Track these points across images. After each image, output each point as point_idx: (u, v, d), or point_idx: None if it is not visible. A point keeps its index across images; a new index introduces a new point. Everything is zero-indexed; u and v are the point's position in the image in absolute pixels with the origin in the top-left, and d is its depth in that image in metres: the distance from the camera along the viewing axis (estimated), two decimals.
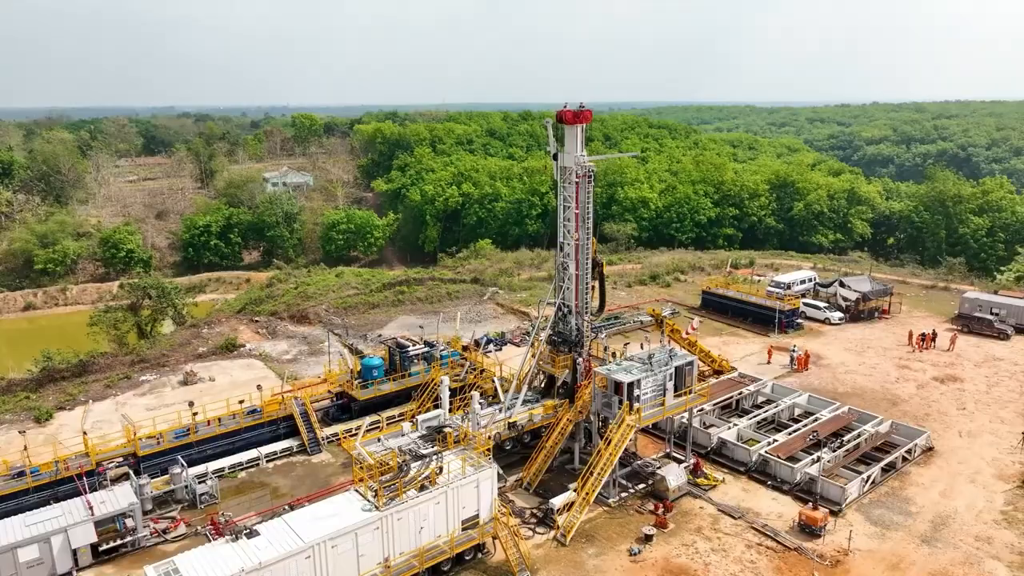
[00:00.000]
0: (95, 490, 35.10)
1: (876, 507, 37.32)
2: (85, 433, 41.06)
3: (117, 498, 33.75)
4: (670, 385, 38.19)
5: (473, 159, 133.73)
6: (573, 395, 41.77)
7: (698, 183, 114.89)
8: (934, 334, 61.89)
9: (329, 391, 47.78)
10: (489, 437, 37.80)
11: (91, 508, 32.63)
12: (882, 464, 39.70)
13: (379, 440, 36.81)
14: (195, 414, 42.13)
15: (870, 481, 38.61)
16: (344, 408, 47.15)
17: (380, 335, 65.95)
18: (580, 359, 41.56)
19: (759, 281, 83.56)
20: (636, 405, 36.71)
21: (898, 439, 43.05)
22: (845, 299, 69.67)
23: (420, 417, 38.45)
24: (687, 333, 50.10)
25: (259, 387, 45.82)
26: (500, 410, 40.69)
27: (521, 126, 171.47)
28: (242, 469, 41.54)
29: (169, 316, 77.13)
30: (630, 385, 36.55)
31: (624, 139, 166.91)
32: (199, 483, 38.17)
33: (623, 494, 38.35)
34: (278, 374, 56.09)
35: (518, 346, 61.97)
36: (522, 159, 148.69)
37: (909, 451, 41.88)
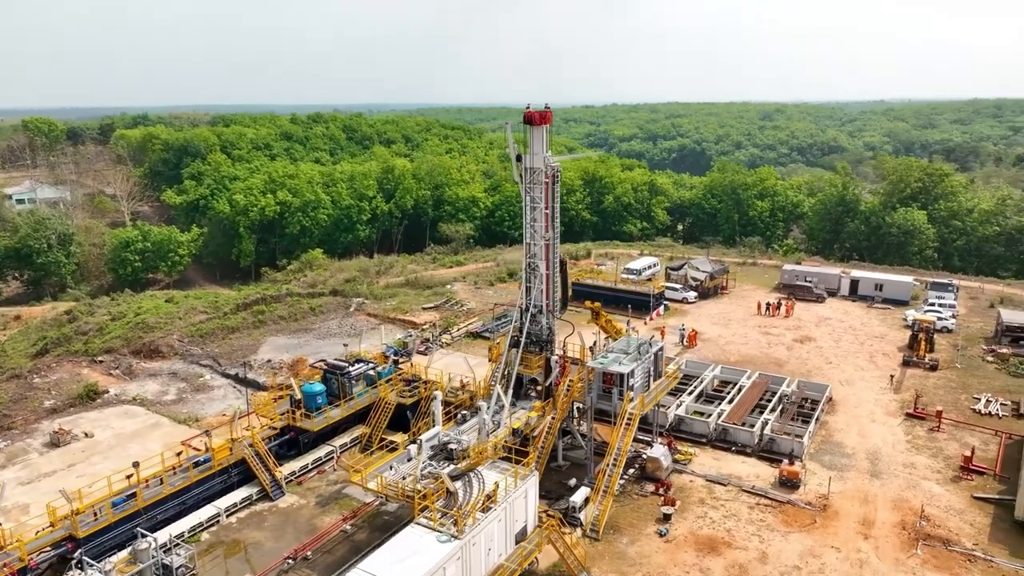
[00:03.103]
0: None
1: (822, 455, 42.99)
2: None
3: None
4: (652, 372, 40.34)
5: (285, 165, 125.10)
6: (549, 394, 42.13)
7: None
8: (778, 303, 71.83)
9: (272, 426, 42.69)
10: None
11: None
12: (815, 418, 45.70)
13: (391, 467, 34.12)
14: (128, 476, 35.32)
15: (809, 434, 44.27)
16: (292, 443, 42.53)
17: (267, 360, 59.99)
18: (554, 358, 42.02)
19: (602, 270, 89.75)
20: (632, 394, 38.25)
21: (810, 395, 49.68)
22: (695, 279, 77.76)
23: (423, 436, 36.22)
24: (651, 318, 53.01)
25: (208, 433, 39.53)
26: (488, 419, 39.68)
27: (316, 128, 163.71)
28: (203, 530, 35.79)
29: None
30: (625, 376, 37.98)
31: (425, 140, 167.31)
32: (168, 555, 32.21)
33: (619, 481, 39.67)
34: (173, 419, 48.78)
35: (424, 354, 60.22)
36: (329, 162, 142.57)
37: (819, 403, 48.60)
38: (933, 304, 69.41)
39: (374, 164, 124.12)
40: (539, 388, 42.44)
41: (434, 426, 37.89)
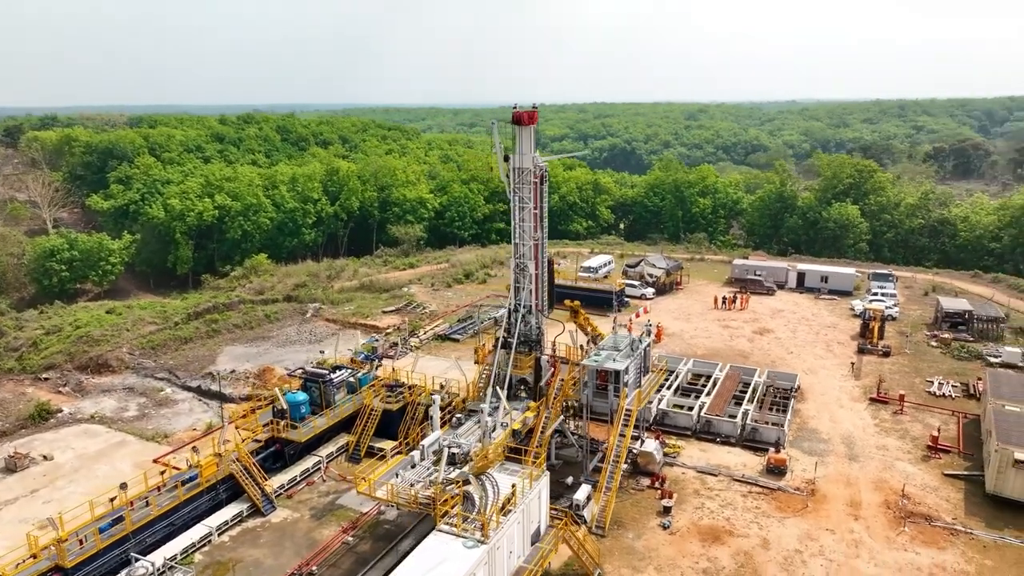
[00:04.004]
0: None
1: (801, 442, 44.68)
2: None
3: None
4: (642, 368, 40.97)
5: (222, 167, 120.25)
6: (538, 394, 42.15)
7: (470, 182, 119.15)
8: (734, 297, 74.16)
9: (256, 439, 41.03)
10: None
11: None
12: (791, 407, 47.44)
13: (396, 475, 33.39)
14: (112, 499, 33.32)
15: (788, 423, 45.93)
16: (277, 455, 41.04)
17: (231, 370, 57.69)
18: (544, 357, 42.10)
19: (559, 268, 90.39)
20: (626, 390, 38.72)
21: (780, 384, 51.51)
22: (652, 276, 79.41)
23: (425, 442, 35.62)
24: (636, 316, 53.74)
25: (195, 449, 37.55)
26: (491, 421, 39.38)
27: (249, 129, 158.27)
28: (195, 550, 34.10)
29: None
30: (621, 373, 38.42)
31: (362, 140, 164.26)
32: None
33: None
34: (140, 436, 46.34)
35: (393, 359, 59.20)
36: (266, 164, 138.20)
37: (789, 392, 50.51)
38: (876, 294, 73.17)
39: (318, 166, 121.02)
40: (529, 388, 42.45)
41: (432, 431, 37.43)
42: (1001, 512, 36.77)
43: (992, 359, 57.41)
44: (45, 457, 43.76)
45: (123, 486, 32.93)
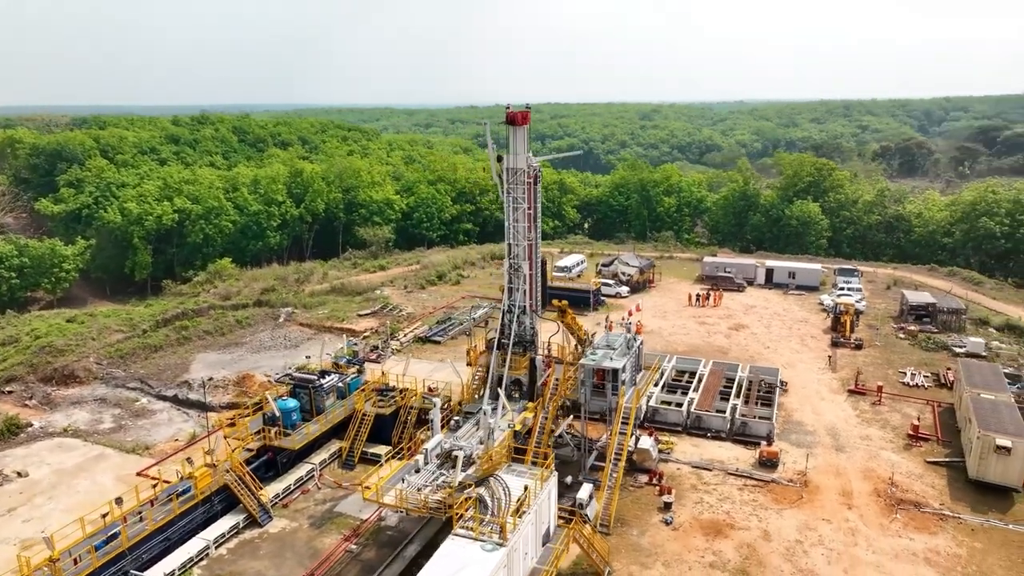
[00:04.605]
0: None
1: (788, 434, 45.67)
2: None
3: None
4: (637, 366, 41.33)
5: (180, 169, 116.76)
6: (534, 395, 42.15)
7: (436, 182, 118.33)
8: (707, 294, 75.41)
9: (247, 448, 39.98)
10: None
11: None
12: (776, 400, 48.45)
13: (404, 480, 32.96)
14: (104, 515, 32.05)
15: (776, 416, 46.90)
16: (269, 464, 40.08)
17: (209, 377, 56.10)
18: (539, 357, 42.11)
19: None
20: (625, 388, 39.01)
21: (763, 378, 52.53)
22: (626, 274, 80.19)
23: (427, 445, 35.25)
24: (630, 313, 54.15)
25: (189, 460, 36.31)
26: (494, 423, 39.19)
27: (204, 130, 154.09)
28: (194, 564, 33.05)
29: None
30: (619, 371, 38.68)
31: (322, 142, 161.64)
32: None
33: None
34: (119, 449, 44.73)
35: (376, 362, 58.46)
36: (224, 166, 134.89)
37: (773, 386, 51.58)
38: (843, 289, 75.32)
39: (281, 167, 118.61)
40: (523, 389, 42.41)
41: (433, 434, 37.11)
42: (984, 496, 38.24)
43: (957, 349, 59.70)
44: (19, 474, 41.84)
45: (118, 500, 31.72)
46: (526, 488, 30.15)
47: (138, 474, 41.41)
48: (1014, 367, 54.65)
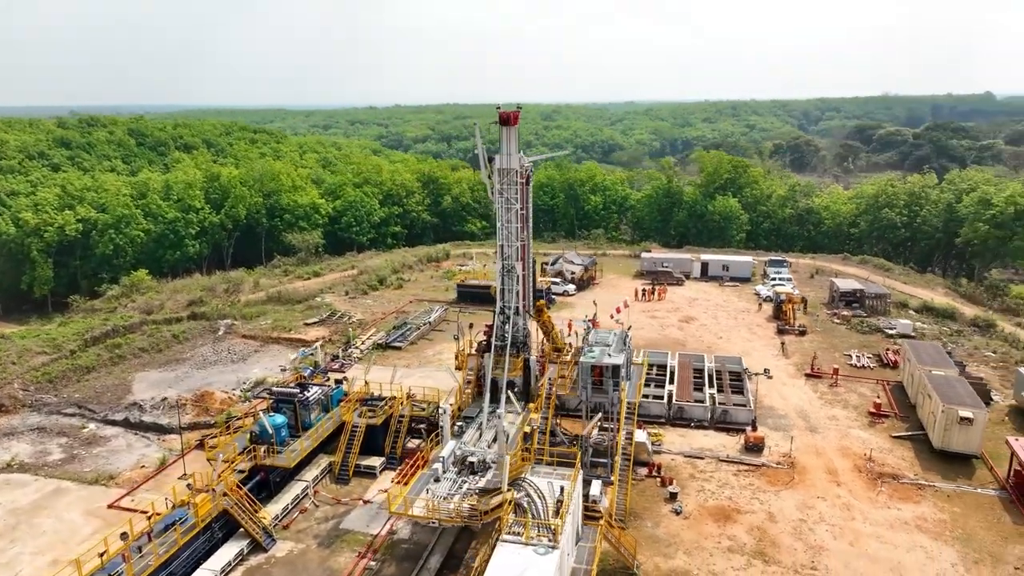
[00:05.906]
0: None
1: (764, 419, 47.77)
2: None
3: None
4: (628, 360, 42.07)
5: (79, 176, 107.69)
6: (529, 395, 42.10)
7: (362, 185, 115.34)
8: (652, 288, 77.65)
9: (238, 469, 37.56)
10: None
11: None
12: (746, 388, 50.56)
13: (427, 490, 32.05)
14: (101, 554, 29.27)
15: (752, 403, 48.95)
16: (262, 484, 37.89)
17: (163, 398, 52.31)
18: (533, 358, 42.07)
19: (470, 269, 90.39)
20: (624, 383, 39.65)
21: (729, 367, 54.68)
22: (572, 272, 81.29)
23: (442, 453, 34.43)
24: (618, 311, 54.60)
25: (189, 486, 33.60)
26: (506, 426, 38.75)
27: (97, 133, 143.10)
28: None
29: None
30: (620, 368, 39.26)
31: (229, 144, 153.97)
32: None
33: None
34: (80, 481, 41.00)
35: (340, 371, 56.49)
36: (126, 172, 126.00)
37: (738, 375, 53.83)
38: (775, 279, 79.59)
39: (196, 172, 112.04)
40: (517, 390, 42.25)
41: (444, 442, 36.33)
42: (951, 464, 41.52)
43: (889, 331, 64.44)
44: None
45: (123, 536, 29.04)
46: (562, 489, 30.06)
47: (110, 506, 38.19)
48: (941, 344, 59.56)
